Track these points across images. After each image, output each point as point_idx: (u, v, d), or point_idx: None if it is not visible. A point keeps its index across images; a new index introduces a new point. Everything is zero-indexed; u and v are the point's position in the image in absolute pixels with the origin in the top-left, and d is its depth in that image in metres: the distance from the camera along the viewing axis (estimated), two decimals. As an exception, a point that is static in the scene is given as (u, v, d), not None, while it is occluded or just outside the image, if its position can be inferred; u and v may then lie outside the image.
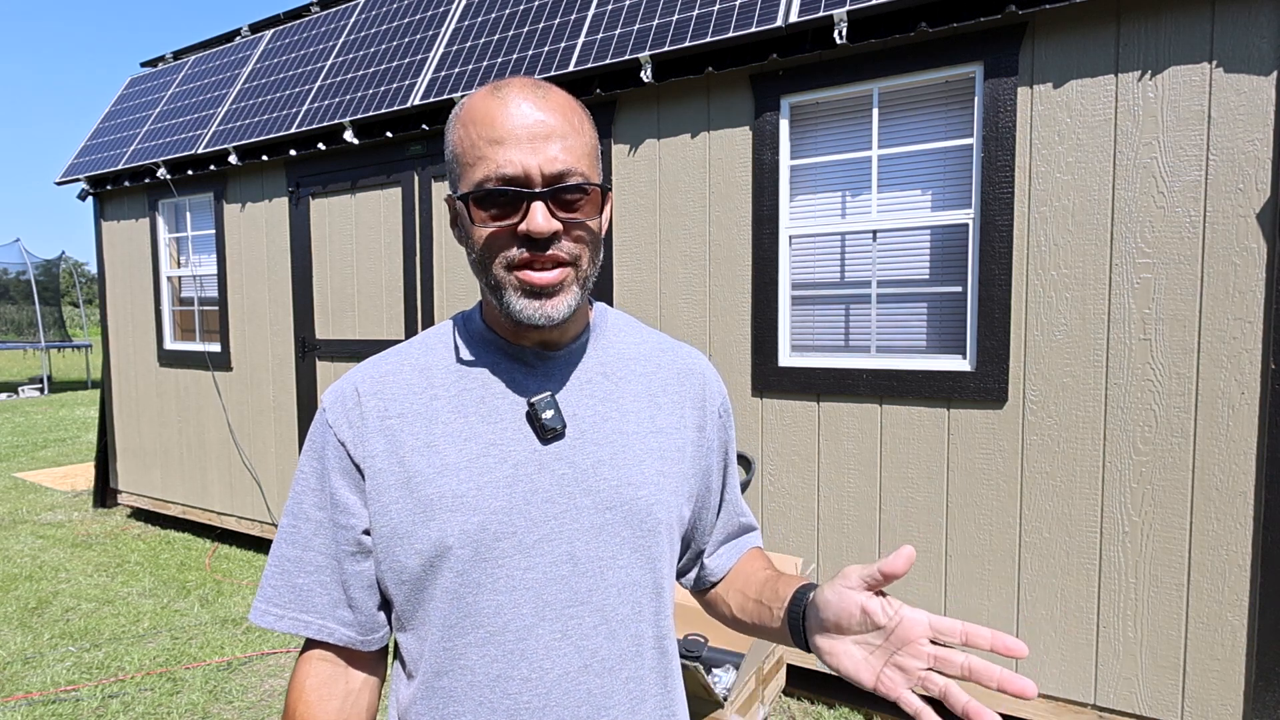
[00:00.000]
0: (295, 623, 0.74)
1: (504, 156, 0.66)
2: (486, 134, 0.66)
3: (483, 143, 0.67)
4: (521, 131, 0.66)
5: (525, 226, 0.66)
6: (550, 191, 0.66)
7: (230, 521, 4.67)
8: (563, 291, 0.69)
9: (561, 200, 0.68)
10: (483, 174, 0.67)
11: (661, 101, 2.97)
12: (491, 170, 0.66)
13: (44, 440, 8.89)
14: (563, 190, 0.67)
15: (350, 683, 0.76)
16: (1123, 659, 2.27)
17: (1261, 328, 2.06)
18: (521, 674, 0.70)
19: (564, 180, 0.67)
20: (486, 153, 0.66)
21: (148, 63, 5.60)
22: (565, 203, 0.68)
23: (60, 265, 17.49)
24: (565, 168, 0.67)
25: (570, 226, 0.69)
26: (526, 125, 0.66)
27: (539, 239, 0.67)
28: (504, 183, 0.66)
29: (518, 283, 0.69)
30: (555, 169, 0.66)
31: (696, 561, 0.92)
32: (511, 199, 0.67)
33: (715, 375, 0.89)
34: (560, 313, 0.69)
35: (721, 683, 2.15)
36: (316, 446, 0.76)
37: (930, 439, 2.53)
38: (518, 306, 0.69)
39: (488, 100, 0.68)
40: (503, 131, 0.66)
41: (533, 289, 0.68)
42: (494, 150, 0.66)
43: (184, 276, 4.88)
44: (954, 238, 2.52)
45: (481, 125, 0.67)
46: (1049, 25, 2.29)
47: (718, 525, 0.91)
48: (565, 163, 0.67)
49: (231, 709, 2.79)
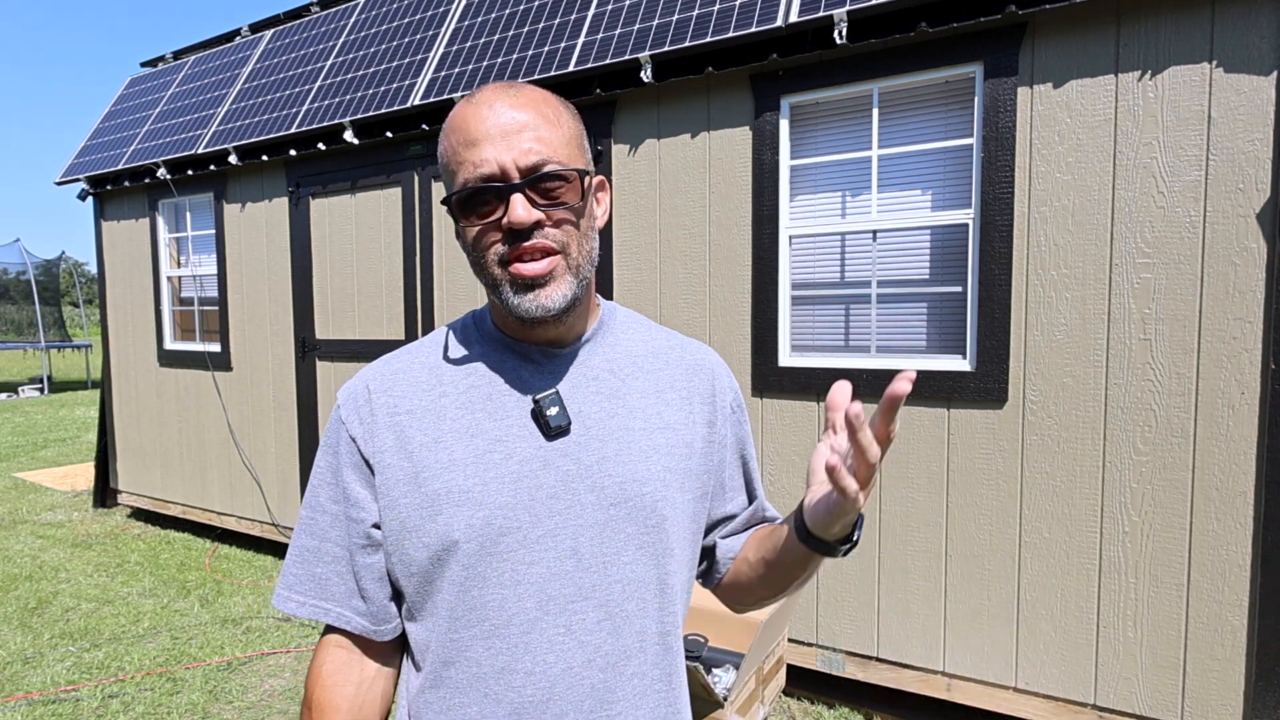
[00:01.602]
0: (315, 609, 0.76)
1: (479, 156, 0.68)
2: (462, 139, 0.70)
3: (460, 148, 0.70)
4: (494, 130, 0.68)
5: (507, 219, 0.68)
6: (527, 182, 0.68)
7: (230, 521, 4.67)
8: (554, 281, 0.71)
9: (541, 190, 0.69)
10: (463, 177, 0.69)
11: (661, 101, 2.97)
12: (470, 172, 0.69)
13: (44, 440, 8.89)
14: (540, 180, 0.69)
15: (365, 670, 0.78)
16: (1123, 659, 2.27)
17: (1261, 328, 2.06)
18: (525, 667, 0.71)
19: (540, 169, 0.69)
20: (465, 156, 0.69)
21: (148, 63, 5.60)
22: (545, 191, 0.70)
23: (60, 265, 17.49)
24: (540, 158, 0.68)
25: (553, 214, 0.70)
26: (499, 124, 0.68)
27: (521, 230, 0.68)
28: (482, 181, 0.68)
29: (510, 277, 0.70)
30: (530, 160, 0.68)
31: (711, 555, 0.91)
32: (492, 195, 0.69)
33: (726, 370, 0.89)
34: (555, 302, 0.70)
35: (721, 683, 2.15)
36: (331, 442, 0.78)
37: (930, 439, 2.53)
38: (515, 301, 0.71)
39: (464, 108, 0.71)
40: (476, 134, 0.69)
41: (524, 281, 0.70)
42: (470, 152, 0.69)
43: (184, 276, 4.88)
44: (954, 238, 2.52)
45: (458, 132, 0.70)
46: (1049, 25, 2.29)
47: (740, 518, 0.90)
48: (540, 153, 0.68)
49: (231, 709, 2.79)
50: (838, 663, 2.73)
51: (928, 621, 2.56)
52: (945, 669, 2.54)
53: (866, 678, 2.67)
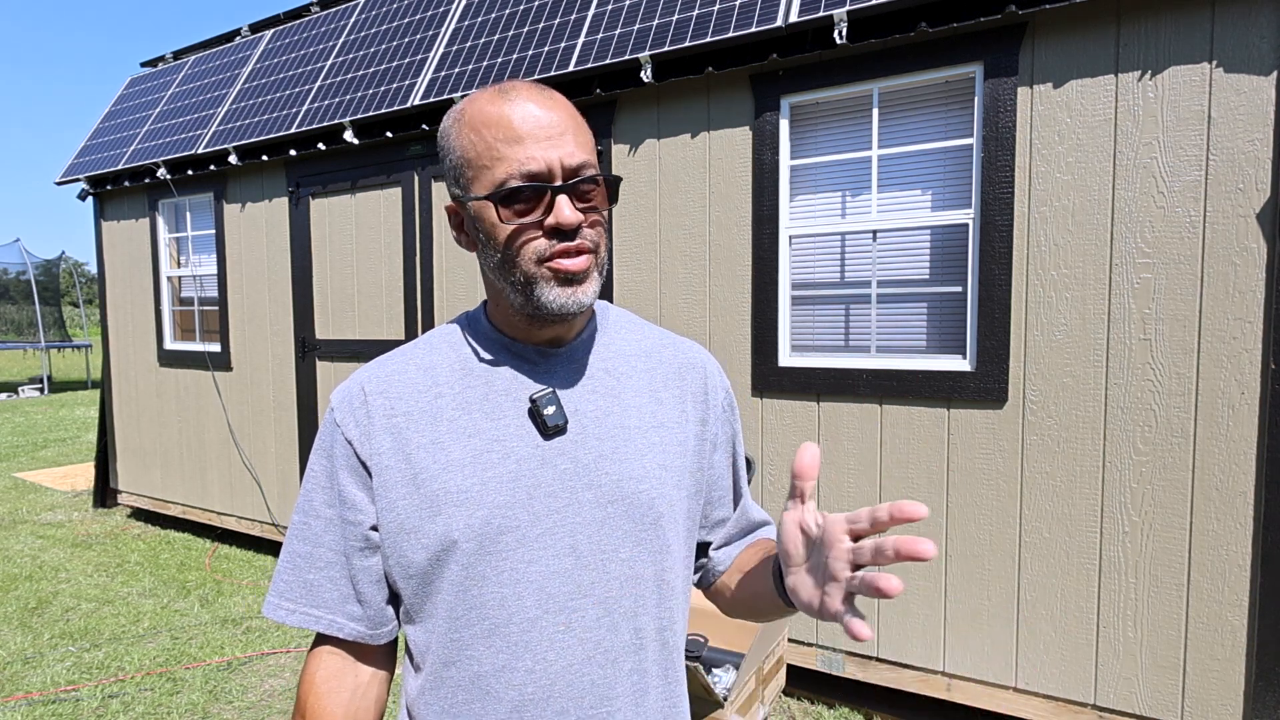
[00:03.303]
0: (306, 617, 0.76)
1: (525, 154, 0.69)
2: (503, 135, 0.69)
3: (500, 144, 0.69)
4: (539, 131, 0.69)
5: (554, 219, 0.69)
6: (573, 184, 0.70)
7: (230, 521, 4.67)
8: (589, 278, 0.73)
9: (579, 191, 0.71)
10: (505, 173, 0.69)
11: (661, 101, 2.97)
12: (514, 169, 0.69)
13: (44, 440, 8.89)
14: (581, 182, 0.70)
15: (359, 676, 0.78)
16: (1123, 659, 2.27)
17: (1261, 328, 2.06)
18: (525, 665, 0.71)
19: (581, 173, 0.71)
20: (506, 153, 0.69)
21: (148, 63, 5.60)
22: (582, 194, 0.71)
23: (60, 265, 17.49)
24: (581, 161, 0.70)
25: (589, 216, 0.72)
26: (542, 125, 0.69)
27: (568, 229, 0.70)
28: (528, 179, 0.69)
29: (550, 273, 0.71)
30: (574, 162, 0.70)
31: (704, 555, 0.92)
32: (533, 194, 0.69)
33: (718, 369, 0.90)
34: (589, 298, 0.73)
35: (721, 683, 2.15)
36: (325, 445, 0.77)
37: (930, 439, 2.53)
38: (550, 296, 0.71)
39: (498, 104, 0.70)
40: (521, 131, 0.69)
41: (567, 276, 0.71)
42: (514, 149, 0.69)
43: (184, 276, 4.88)
44: (954, 238, 2.52)
45: (495, 128, 0.69)
46: (1049, 25, 2.29)
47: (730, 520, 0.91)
48: (580, 157, 0.70)
49: (231, 709, 2.79)
50: (838, 663, 2.73)
51: (928, 621, 2.56)
52: (945, 669, 2.54)
53: (866, 678, 2.67)
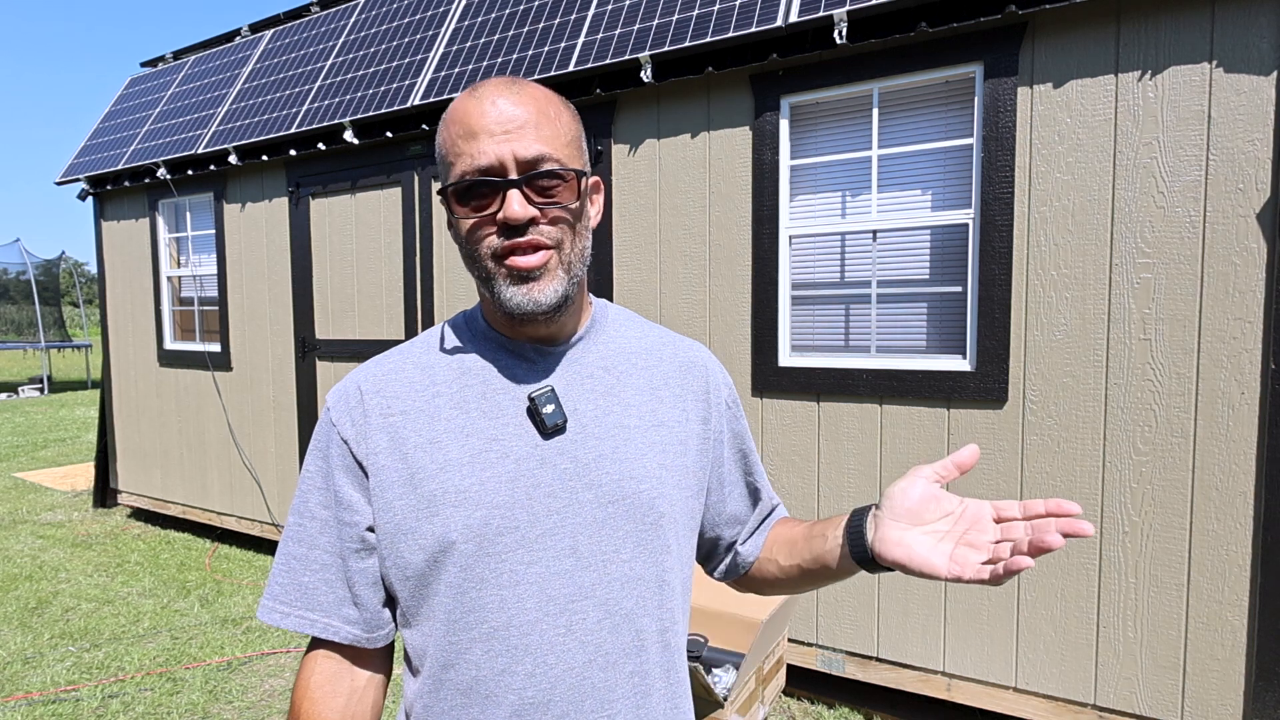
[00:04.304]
0: (300, 620, 0.75)
1: (478, 149, 0.68)
2: (461, 130, 0.69)
3: (459, 139, 0.69)
4: (494, 125, 0.68)
5: (502, 214, 0.68)
6: (525, 178, 0.68)
7: (230, 521, 4.67)
8: (547, 275, 0.71)
9: (538, 186, 0.70)
10: (460, 169, 0.69)
11: (661, 101, 2.97)
12: (468, 164, 0.69)
13: (44, 440, 8.89)
14: (537, 176, 0.69)
15: (355, 680, 0.76)
16: (1123, 659, 2.27)
17: (1261, 328, 2.06)
18: (526, 669, 0.70)
19: (538, 166, 0.69)
20: (463, 148, 0.69)
21: (148, 63, 5.60)
22: (542, 189, 0.70)
23: (60, 265, 17.49)
24: (538, 154, 0.69)
25: (549, 212, 0.70)
26: (499, 118, 0.69)
27: (516, 225, 0.69)
28: (480, 174, 0.68)
29: (505, 270, 0.70)
30: (528, 155, 0.68)
31: (730, 551, 0.91)
32: (488, 189, 0.69)
33: (719, 367, 0.89)
34: (548, 297, 0.71)
35: (721, 683, 2.15)
36: (321, 445, 0.76)
37: (930, 439, 2.53)
38: (507, 294, 0.71)
39: (465, 101, 0.71)
40: (477, 126, 0.69)
41: (519, 273, 0.70)
42: (469, 144, 0.69)
43: (184, 276, 4.88)
44: (954, 238, 2.52)
45: (458, 124, 0.70)
46: (1049, 25, 2.29)
47: (753, 515, 0.91)
48: (538, 150, 0.69)
49: (231, 709, 2.79)
50: (838, 663, 2.73)
51: (928, 621, 2.56)
52: (945, 669, 2.54)
53: (866, 678, 2.67)
